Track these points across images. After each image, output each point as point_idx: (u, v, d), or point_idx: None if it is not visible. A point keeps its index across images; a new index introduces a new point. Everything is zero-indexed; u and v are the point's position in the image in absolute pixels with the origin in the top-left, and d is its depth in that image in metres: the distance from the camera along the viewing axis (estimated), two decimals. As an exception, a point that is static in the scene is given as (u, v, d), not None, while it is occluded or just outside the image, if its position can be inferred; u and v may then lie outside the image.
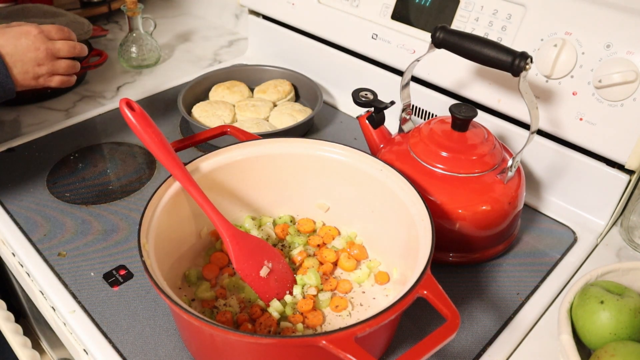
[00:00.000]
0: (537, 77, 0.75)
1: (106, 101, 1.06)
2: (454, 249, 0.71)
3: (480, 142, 0.71)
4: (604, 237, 0.79)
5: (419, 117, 0.94)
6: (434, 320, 0.64)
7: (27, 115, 1.01)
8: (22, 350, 0.71)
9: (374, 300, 0.67)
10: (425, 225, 0.59)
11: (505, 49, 0.63)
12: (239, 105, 0.98)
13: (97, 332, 0.63)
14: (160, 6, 1.48)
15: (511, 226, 0.73)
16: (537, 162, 0.82)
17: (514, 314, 0.67)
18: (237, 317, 0.63)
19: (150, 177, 0.86)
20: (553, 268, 0.73)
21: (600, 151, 0.74)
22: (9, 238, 0.75)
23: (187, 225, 0.68)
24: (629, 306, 0.58)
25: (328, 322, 0.64)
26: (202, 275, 0.68)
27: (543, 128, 0.78)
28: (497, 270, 0.73)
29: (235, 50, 1.28)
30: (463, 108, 0.71)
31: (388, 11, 0.91)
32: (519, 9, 0.77)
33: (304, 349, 0.52)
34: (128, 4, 1.10)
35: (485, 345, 0.63)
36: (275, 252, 0.67)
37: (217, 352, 0.56)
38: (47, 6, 1.12)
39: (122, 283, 0.68)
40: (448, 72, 0.85)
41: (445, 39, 0.66)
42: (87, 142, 0.94)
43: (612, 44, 0.69)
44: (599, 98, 0.71)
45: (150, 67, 1.18)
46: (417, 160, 0.71)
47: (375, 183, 0.68)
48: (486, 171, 0.69)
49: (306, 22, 1.04)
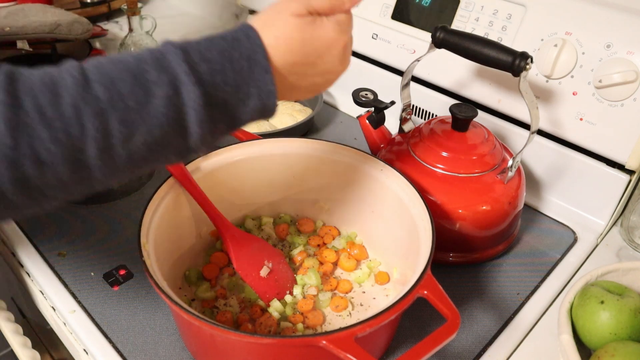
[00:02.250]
0: (537, 77, 0.75)
1: (106, 101, 1.06)
2: (454, 249, 0.71)
3: (480, 142, 0.71)
4: (604, 237, 0.79)
5: (419, 117, 0.94)
6: (434, 320, 0.64)
7: (27, 115, 1.01)
8: (22, 350, 0.71)
9: (374, 300, 0.67)
10: (426, 225, 0.59)
11: (505, 49, 0.63)
12: (239, 105, 0.98)
13: (97, 332, 0.63)
14: (160, 6, 1.48)
15: (511, 226, 0.73)
16: (537, 162, 0.82)
17: (514, 314, 0.67)
18: (237, 317, 0.63)
19: (150, 177, 0.86)
20: (553, 268, 0.73)
21: (600, 151, 0.74)
22: (8, 238, 0.75)
23: (187, 225, 0.68)
24: (629, 306, 0.58)
25: (328, 322, 0.64)
26: (202, 275, 0.68)
27: (543, 128, 0.78)
28: (497, 270, 0.73)
29: (235, 50, 1.27)
30: (463, 108, 0.71)
31: (388, 11, 0.91)
32: (519, 9, 0.77)
33: (304, 349, 0.52)
34: (128, 4, 1.10)
35: (485, 345, 0.63)
36: (275, 252, 0.67)
37: (217, 352, 0.56)
38: (47, 6, 1.12)
39: (122, 283, 0.68)
40: (448, 72, 0.85)
41: (446, 38, 0.66)
42: (87, 142, 0.93)
43: (612, 44, 0.69)
44: (599, 98, 0.71)
45: (150, 67, 1.18)
46: (417, 160, 0.71)
47: (376, 183, 0.68)
48: (486, 171, 0.69)
49: (306, 22, 1.04)
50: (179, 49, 0.42)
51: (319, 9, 0.47)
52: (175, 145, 0.43)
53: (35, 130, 0.37)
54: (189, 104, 0.41)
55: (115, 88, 0.39)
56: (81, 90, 0.39)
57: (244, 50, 0.44)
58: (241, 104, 0.44)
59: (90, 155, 0.39)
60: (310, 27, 0.46)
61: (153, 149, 0.42)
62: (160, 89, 0.40)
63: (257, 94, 0.44)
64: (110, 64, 0.41)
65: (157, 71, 0.41)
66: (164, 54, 0.42)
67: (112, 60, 0.41)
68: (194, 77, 0.41)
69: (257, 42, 0.44)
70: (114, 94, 0.39)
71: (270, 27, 0.45)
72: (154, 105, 0.40)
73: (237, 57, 0.43)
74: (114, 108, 0.39)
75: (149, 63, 0.41)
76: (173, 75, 0.41)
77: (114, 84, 0.40)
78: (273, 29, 0.45)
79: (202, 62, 0.42)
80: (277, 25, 0.46)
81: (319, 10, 0.47)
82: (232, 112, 0.44)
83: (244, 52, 0.44)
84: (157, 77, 0.41)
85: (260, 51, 0.44)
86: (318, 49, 0.47)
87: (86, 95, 0.39)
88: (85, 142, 0.38)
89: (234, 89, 0.43)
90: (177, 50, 0.42)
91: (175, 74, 0.41)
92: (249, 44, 0.44)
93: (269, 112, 0.46)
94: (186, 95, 0.41)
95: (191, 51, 0.42)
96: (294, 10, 0.46)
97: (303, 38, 0.46)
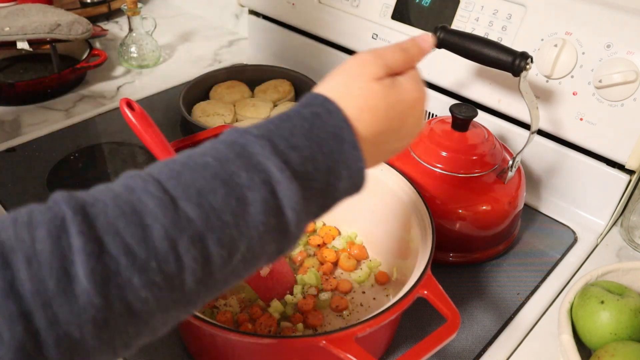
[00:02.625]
0: (537, 77, 0.75)
1: (106, 101, 1.06)
2: (454, 249, 0.71)
3: (480, 142, 0.71)
4: (604, 237, 0.79)
5: (419, 117, 0.94)
6: (434, 320, 0.64)
7: (27, 115, 1.01)
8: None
9: (374, 300, 0.67)
10: (426, 225, 0.59)
11: (505, 49, 0.63)
12: (239, 105, 0.98)
13: (97, 332, 0.63)
14: (160, 6, 1.48)
15: (511, 226, 0.73)
16: (537, 162, 0.82)
17: (514, 314, 0.67)
18: (237, 317, 0.63)
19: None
20: (553, 268, 0.73)
21: (601, 151, 0.74)
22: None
23: (187, 225, 0.68)
24: (629, 306, 0.58)
25: (328, 322, 0.64)
26: (202, 275, 0.68)
27: (543, 128, 0.78)
28: (497, 270, 0.73)
29: (235, 50, 1.28)
30: (463, 108, 0.71)
31: (388, 11, 0.91)
32: (519, 9, 0.77)
33: (304, 349, 0.52)
34: (128, 4, 1.10)
35: (485, 345, 0.63)
36: (275, 252, 0.67)
37: (217, 352, 0.56)
38: (47, 6, 1.12)
39: (122, 283, 0.68)
40: (448, 72, 0.85)
41: (446, 38, 0.66)
42: (87, 142, 0.93)
43: (612, 44, 0.69)
44: (599, 98, 0.71)
45: (150, 67, 1.18)
46: (417, 160, 0.71)
47: (376, 183, 0.68)
48: (486, 171, 0.69)
49: (306, 22, 1.04)
50: (264, 140, 0.36)
51: (394, 68, 0.43)
52: (270, 252, 0.37)
53: (126, 279, 0.30)
54: (287, 204, 0.35)
55: (208, 202, 0.33)
56: (171, 215, 0.32)
57: (329, 128, 0.38)
58: (332, 189, 0.39)
59: (186, 292, 0.32)
60: (394, 92, 0.42)
61: (249, 262, 0.36)
62: (255, 194, 0.34)
63: (347, 175, 0.39)
64: (188, 171, 0.34)
65: (247, 171, 0.34)
66: (246, 146, 0.35)
67: (187, 164, 0.34)
68: (289, 172, 0.35)
69: (340, 117, 0.39)
70: (207, 210, 0.33)
71: (350, 97, 0.40)
72: (251, 215, 0.34)
73: (324, 137, 0.38)
74: (210, 229, 0.32)
75: (234, 161, 0.35)
76: (266, 174, 0.35)
77: (204, 198, 0.33)
78: (354, 100, 0.40)
79: (291, 150, 0.36)
80: (357, 94, 0.41)
81: (395, 69, 0.43)
82: (324, 199, 0.39)
83: (330, 130, 0.38)
84: (248, 179, 0.34)
85: (346, 127, 0.39)
86: (402, 113, 0.43)
87: (178, 219, 0.32)
88: (183, 277, 0.32)
89: (326, 175, 0.38)
90: (263, 142, 0.36)
91: (268, 171, 0.35)
92: (332, 120, 0.38)
93: (357, 191, 0.41)
94: (283, 194, 0.35)
95: (276, 139, 0.36)
96: (373, 75, 0.41)
97: (387, 105, 0.41)
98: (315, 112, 0.39)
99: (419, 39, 0.46)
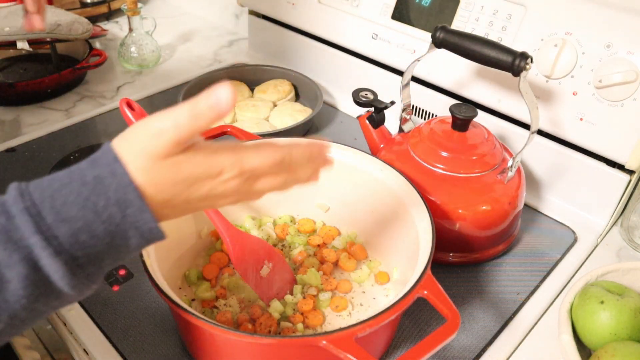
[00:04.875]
0: (537, 77, 0.75)
1: (106, 101, 1.06)
2: (454, 249, 0.71)
3: (480, 142, 0.71)
4: (604, 237, 0.79)
5: (419, 117, 0.94)
6: (434, 320, 0.64)
7: (27, 115, 1.01)
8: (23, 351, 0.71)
9: (374, 300, 0.67)
10: (426, 225, 0.59)
11: (505, 49, 0.63)
12: (239, 105, 0.98)
13: (97, 332, 0.63)
14: (160, 6, 1.48)
15: (511, 226, 0.73)
16: (537, 162, 0.82)
17: (514, 314, 0.67)
18: (237, 317, 0.63)
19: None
20: (553, 268, 0.73)
21: (601, 151, 0.74)
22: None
23: (187, 225, 0.68)
24: (629, 306, 0.58)
25: (328, 322, 0.64)
26: (202, 275, 0.68)
27: (543, 128, 0.78)
28: (497, 270, 0.73)
29: (235, 50, 1.28)
30: (463, 108, 0.71)
31: (388, 11, 0.91)
32: (519, 9, 0.77)
33: (304, 349, 0.52)
34: (128, 4, 1.10)
35: (485, 345, 0.63)
36: (275, 252, 0.67)
37: (217, 352, 0.56)
38: (48, 6, 1.12)
39: (122, 283, 0.68)
40: (448, 72, 0.85)
41: (446, 38, 0.66)
42: (87, 142, 0.94)
43: (612, 44, 0.69)
44: (599, 98, 0.71)
45: (150, 67, 1.18)
46: (417, 160, 0.71)
47: (376, 183, 0.68)
48: (486, 171, 0.69)
49: (306, 22, 1.04)
50: (28, 215, 0.36)
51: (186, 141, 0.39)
52: (55, 306, 0.39)
53: None
54: (54, 277, 0.36)
55: None
56: None
57: (111, 194, 0.37)
58: (122, 248, 0.39)
59: None
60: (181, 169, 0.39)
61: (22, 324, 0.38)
62: (12, 271, 0.35)
63: (137, 234, 0.38)
64: None
65: (5, 249, 0.35)
66: (13, 219, 0.36)
67: None
68: (51, 249, 0.36)
69: (126, 180, 0.37)
70: None
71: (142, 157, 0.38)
72: (10, 291, 0.35)
73: (103, 205, 0.37)
74: None
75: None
76: (28, 250, 0.35)
77: None
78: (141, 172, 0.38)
79: (60, 224, 0.36)
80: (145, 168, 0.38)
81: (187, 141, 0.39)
82: (115, 254, 0.39)
83: (111, 197, 0.37)
84: (7, 256, 0.35)
85: (131, 191, 0.37)
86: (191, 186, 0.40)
87: None
88: None
89: (108, 238, 0.37)
90: (27, 218, 0.36)
91: (29, 247, 0.36)
92: (116, 185, 0.37)
93: (156, 241, 0.40)
94: (48, 269, 0.36)
95: (45, 212, 0.36)
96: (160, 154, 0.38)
97: (174, 182, 0.39)
98: (99, 176, 0.37)
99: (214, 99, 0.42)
